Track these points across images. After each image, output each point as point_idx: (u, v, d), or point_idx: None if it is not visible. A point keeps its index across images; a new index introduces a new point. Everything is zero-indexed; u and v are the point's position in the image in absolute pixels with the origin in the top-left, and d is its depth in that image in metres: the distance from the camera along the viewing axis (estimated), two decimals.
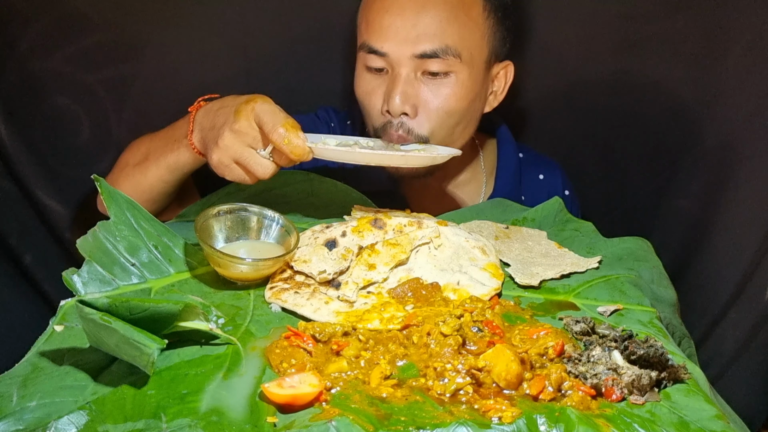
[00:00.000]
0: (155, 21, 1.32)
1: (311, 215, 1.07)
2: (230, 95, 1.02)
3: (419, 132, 1.15)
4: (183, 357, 0.76)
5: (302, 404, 0.69)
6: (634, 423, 0.69)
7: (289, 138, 0.91)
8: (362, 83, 1.19)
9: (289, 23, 1.38)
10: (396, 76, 1.14)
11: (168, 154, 1.07)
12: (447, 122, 1.16)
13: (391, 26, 1.12)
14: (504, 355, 0.73)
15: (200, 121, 1.02)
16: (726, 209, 1.29)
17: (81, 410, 0.69)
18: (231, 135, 0.94)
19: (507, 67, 1.25)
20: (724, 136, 1.29)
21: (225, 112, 0.97)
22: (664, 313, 0.94)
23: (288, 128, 0.91)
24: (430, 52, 1.12)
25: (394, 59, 1.13)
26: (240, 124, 0.94)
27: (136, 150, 1.15)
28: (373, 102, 1.17)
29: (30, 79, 1.30)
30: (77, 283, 0.84)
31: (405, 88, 1.13)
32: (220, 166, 0.97)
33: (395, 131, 1.14)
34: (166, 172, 1.09)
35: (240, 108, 0.95)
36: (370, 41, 1.14)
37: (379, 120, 1.17)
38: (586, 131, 1.45)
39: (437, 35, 1.12)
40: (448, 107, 1.15)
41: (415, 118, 1.14)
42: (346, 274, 0.91)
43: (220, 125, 0.96)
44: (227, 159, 0.96)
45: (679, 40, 1.30)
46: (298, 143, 0.92)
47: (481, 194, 1.35)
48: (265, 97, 0.96)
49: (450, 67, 1.13)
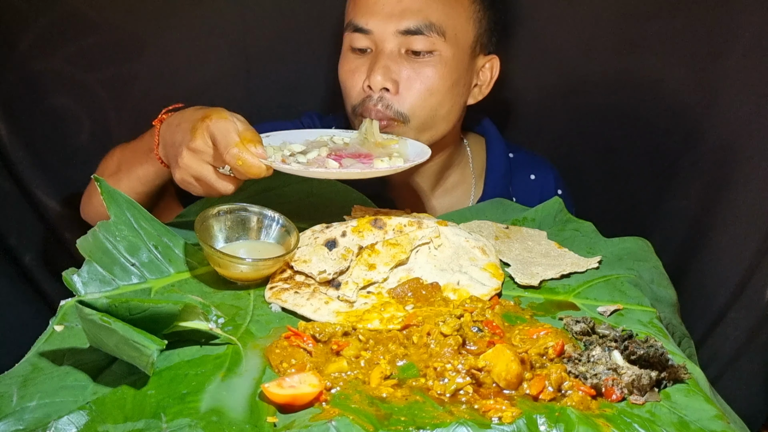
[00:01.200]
0: (155, 21, 1.33)
1: (311, 215, 1.07)
2: (193, 107, 1.00)
3: (399, 108, 1.14)
4: (183, 357, 0.76)
5: (302, 404, 0.69)
6: (634, 423, 0.69)
7: (243, 158, 0.88)
8: (345, 63, 1.19)
9: (288, 23, 1.38)
10: (379, 52, 1.15)
11: (137, 167, 1.08)
12: (428, 101, 1.15)
13: (377, 2, 1.14)
14: (504, 355, 0.73)
15: (164, 134, 1.01)
16: (726, 209, 1.29)
17: (81, 410, 0.69)
18: (189, 154, 0.93)
19: (492, 61, 1.24)
20: (724, 136, 1.29)
21: (183, 128, 0.95)
22: (664, 313, 0.94)
23: (241, 147, 0.88)
24: (414, 28, 1.13)
25: (378, 36, 1.14)
26: (196, 143, 0.92)
27: (111, 160, 1.15)
28: (354, 80, 1.17)
29: (30, 79, 1.30)
30: (77, 283, 0.84)
31: (387, 63, 1.14)
32: (183, 183, 0.96)
33: (374, 105, 1.14)
34: (138, 184, 1.09)
35: (196, 125, 0.93)
36: (355, 19, 1.16)
37: (358, 97, 1.16)
38: (585, 131, 1.45)
39: (422, 11, 1.13)
40: (430, 85, 1.15)
41: (396, 95, 1.14)
42: (346, 274, 0.91)
43: (179, 143, 0.95)
44: (188, 177, 0.95)
45: (679, 40, 1.30)
46: (253, 162, 0.89)
47: (470, 197, 1.34)
48: (221, 111, 0.93)
49: (433, 45, 1.14)
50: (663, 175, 1.40)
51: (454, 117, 1.22)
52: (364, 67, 1.16)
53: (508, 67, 1.28)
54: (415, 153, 1.03)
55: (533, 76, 1.41)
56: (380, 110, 1.14)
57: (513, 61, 1.29)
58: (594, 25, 1.36)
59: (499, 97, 1.27)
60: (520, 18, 1.35)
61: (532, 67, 1.40)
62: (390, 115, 1.14)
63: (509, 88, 1.33)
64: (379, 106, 1.14)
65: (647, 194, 1.43)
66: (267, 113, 1.38)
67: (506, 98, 1.32)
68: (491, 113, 1.35)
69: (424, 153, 1.01)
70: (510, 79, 1.30)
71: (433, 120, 1.17)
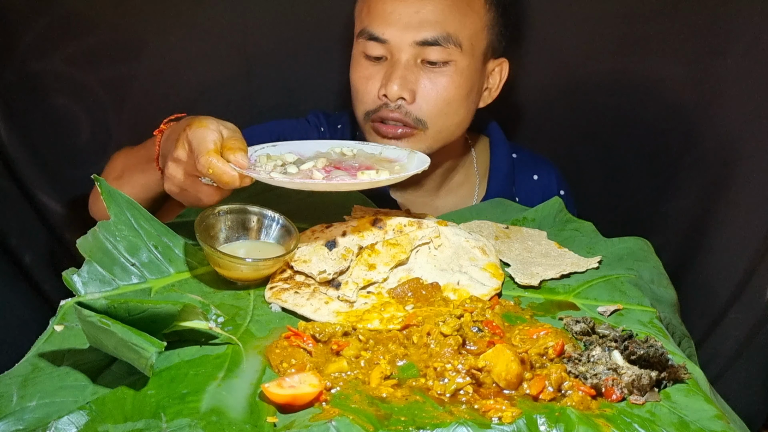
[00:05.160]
0: (155, 21, 1.33)
1: (311, 215, 1.07)
2: (189, 117, 0.97)
3: (417, 115, 1.14)
4: (183, 357, 0.76)
5: (302, 404, 0.69)
6: (634, 423, 0.69)
7: (213, 166, 0.85)
8: (359, 69, 1.18)
9: (288, 24, 1.38)
10: (395, 62, 1.14)
11: (139, 174, 1.08)
12: (445, 110, 1.16)
13: (394, 12, 1.13)
14: (504, 355, 0.73)
15: (163, 144, 1.01)
16: (726, 209, 1.29)
17: (81, 410, 0.69)
18: (172, 164, 0.92)
19: (502, 64, 1.25)
20: (724, 136, 1.29)
21: (172, 138, 0.94)
22: (664, 313, 0.94)
23: (212, 154, 0.85)
24: (432, 39, 1.12)
25: (395, 45, 1.14)
26: (178, 153, 0.91)
27: (115, 164, 1.15)
28: (369, 87, 1.17)
29: (30, 79, 1.31)
30: (77, 283, 0.84)
31: (404, 74, 1.13)
32: (172, 193, 0.95)
33: (391, 112, 1.14)
34: (140, 191, 1.09)
35: (179, 135, 0.91)
36: (371, 27, 1.15)
37: (373, 104, 1.16)
38: (586, 131, 1.45)
39: (439, 22, 1.13)
40: (447, 96, 1.15)
41: (412, 103, 1.14)
42: (346, 274, 0.91)
43: (167, 153, 0.94)
44: (175, 187, 0.93)
45: (679, 40, 1.31)
46: (224, 170, 0.85)
47: (474, 196, 1.34)
48: (204, 120, 0.90)
49: (450, 56, 1.14)
50: (663, 175, 1.40)
51: (468, 122, 1.23)
52: (379, 75, 1.16)
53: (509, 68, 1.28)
54: (414, 165, 0.98)
55: (534, 76, 1.41)
56: (399, 117, 1.14)
57: (513, 61, 1.29)
58: (594, 26, 1.36)
59: (500, 97, 1.27)
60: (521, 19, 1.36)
61: (533, 67, 1.40)
62: (409, 122, 1.15)
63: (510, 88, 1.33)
64: (397, 114, 1.14)
65: (647, 194, 1.44)
66: (267, 114, 1.38)
67: (507, 98, 1.32)
68: (492, 113, 1.35)
69: (421, 163, 0.97)
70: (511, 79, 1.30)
71: (449, 127, 1.18)
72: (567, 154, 1.46)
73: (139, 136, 1.19)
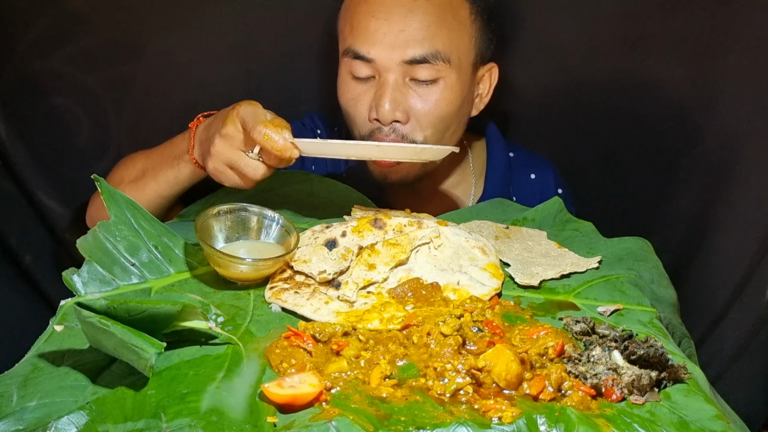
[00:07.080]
0: (155, 21, 1.32)
1: (311, 215, 1.07)
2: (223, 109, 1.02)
3: (413, 137, 1.14)
4: (183, 357, 0.76)
5: (302, 404, 0.69)
6: (634, 423, 0.69)
7: (269, 134, 0.91)
8: (347, 90, 1.16)
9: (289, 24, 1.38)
10: (383, 82, 1.12)
11: (167, 170, 1.08)
12: (438, 127, 1.15)
13: (378, 31, 1.10)
14: (504, 355, 0.73)
15: (199, 135, 1.03)
16: (726, 209, 1.29)
17: (81, 410, 0.69)
18: (220, 140, 0.95)
19: (492, 70, 1.23)
20: (724, 136, 1.29)
21: (217, 122, 0.98)
22: (664, 313, 0.94)
23: (268, 125, 0.91)
24: (420, 57, 1.10)
25: (382, 65, 1.11)
26: (227, 129, 0.95)
27: (131, 167, 1.15)
28: (359, 109, 1.15)
29: (30, 79, 1.30)
30: (77, 283, 0.84)
31: (394, 95, 1.11)
32: (215, 172, 0.98)
33: (386, 135, 1.13)
34: (166, 188, 1.09)
35: (227, 114, 0.96)
36: (355, 46, 1.12)
37: (366, 127, 1.15)
38: (586, 131, 1.45)
39: (426, 39, 1.10)
40: (439, 113, 1.14)
41: (406, 123, 1.13)
42: (346, 274, 0.91)
43: (212, 134, 0.98)
44: (220, 165, 0.97)
45: (679, 40, 1.30)
46: (278, 138, 0.91)
47: (470, 196, 1.34)
48: (252, 101, 0.96)
49: (439, 72, 1.12)
50: (663, 175, 1.40)
51: (461, 131, 1.23)
52: (367, 95, 1.14)
53: (508, 68, 1.28)
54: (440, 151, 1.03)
55: (533, 76, 1.41)
56: (394, 139, 1.13)
57: (513, 61, 1.29)
58: (594, 25, 1.35)
59: (498, 98, 1.27)
60: (520, 19, 1.35)
61: (532, 67, 1.40)
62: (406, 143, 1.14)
63: (509, 88, 1.33)
64: (392, 137, 1.13)
65: (647, 194, 1.43)
66: None
67: (506, 98, 1.32)
68: (492, 113, 1.35)
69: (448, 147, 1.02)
70: (510, 79, 1.30)
71: (442, 140, 1.17)
72: (567, 154, 1.46)
73: (139, 136, 1.19)
